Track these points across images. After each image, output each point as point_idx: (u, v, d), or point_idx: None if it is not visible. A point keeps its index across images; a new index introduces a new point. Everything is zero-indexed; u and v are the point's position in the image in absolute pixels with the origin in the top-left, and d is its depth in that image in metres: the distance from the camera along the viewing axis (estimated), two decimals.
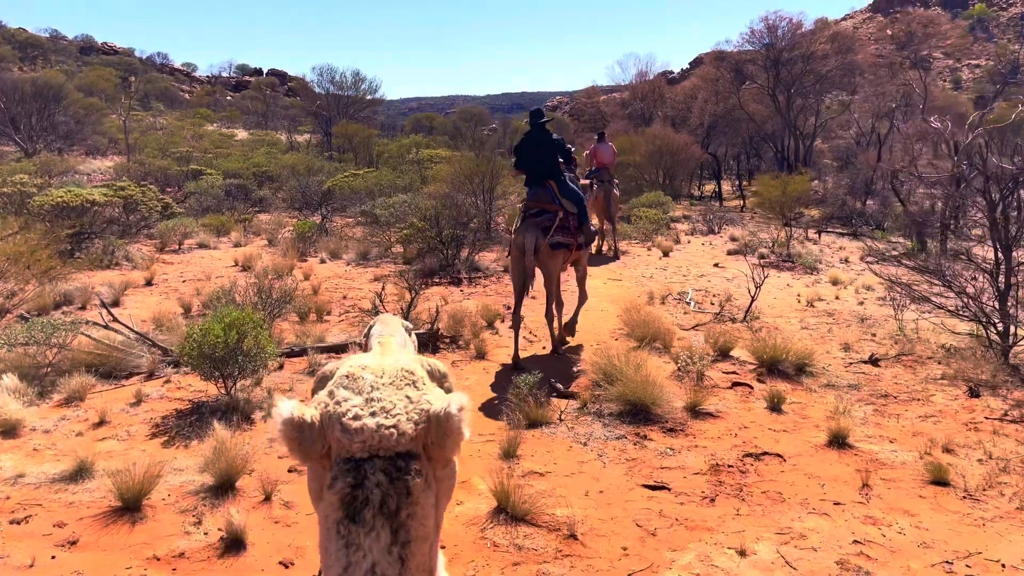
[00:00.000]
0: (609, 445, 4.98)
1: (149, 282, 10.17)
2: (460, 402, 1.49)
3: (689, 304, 9.43)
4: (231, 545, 3.66)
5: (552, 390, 5.98)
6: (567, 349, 7.41)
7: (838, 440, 5.04)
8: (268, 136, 40.00)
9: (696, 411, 5.61)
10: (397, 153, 27.37)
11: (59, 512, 3.95)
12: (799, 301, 9.97)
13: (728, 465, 4.68)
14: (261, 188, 20.61)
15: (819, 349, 7.12)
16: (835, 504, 4.20)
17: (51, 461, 4.52)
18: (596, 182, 12.98)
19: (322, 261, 12.47)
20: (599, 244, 13.27)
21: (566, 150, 7.23)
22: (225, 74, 79.45)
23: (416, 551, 1.38)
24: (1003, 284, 7.27)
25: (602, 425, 5.34)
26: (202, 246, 13.70)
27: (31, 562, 3.48)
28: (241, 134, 42.76)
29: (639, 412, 5.48)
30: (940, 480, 4.50)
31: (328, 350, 6.76)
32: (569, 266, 7.55)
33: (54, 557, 3.55)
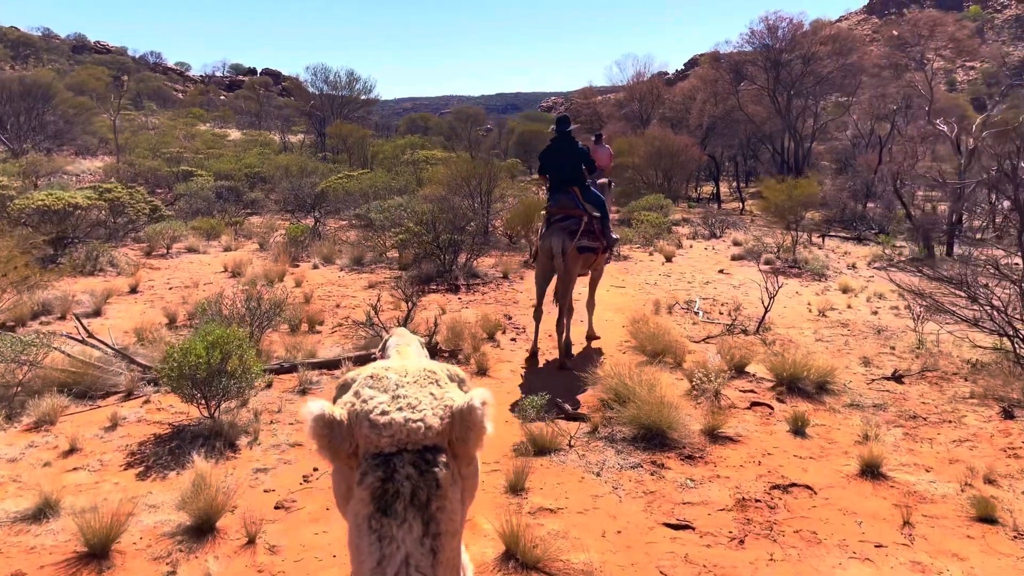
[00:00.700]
0: (624, 475, 4.59)
1: (134, 289, 9.75)
2: (483, 397, 1.44)
3: (697, 314, 9.06)
4: None
5: (560, 411, 5.60)
6: (578, 355, 7.05)
7: (871, 470, 4.66)
8: (261, 136, 39.58)
9: (714, 435, 5.22)
10: (392, 154, 26.97)
11: (17, 559, 3.54)
12: (810, 310, 9.60)
13: (755, 499, 4.30)
14: (253, 190, 20.19)
15: (838, 364, 6.74)
16: (877, 547, 3.82)
17: (13, 497, 4.11)
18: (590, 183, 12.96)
19: (315, 266, 12.07)
20: None
21: (590, 158, 7.27)
22: (219, 74, 78.99)
23: (446, 545, 1.38)
24: None
25: (615, 452, 4.94)
26: (191, 250, 13.28)
27: None
28: (234, 134, 42.31)
29: (654, 437, 5.10)
30: (987, 517, 4.12)
31: (320, 366, 6.36)
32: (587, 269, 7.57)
33: None
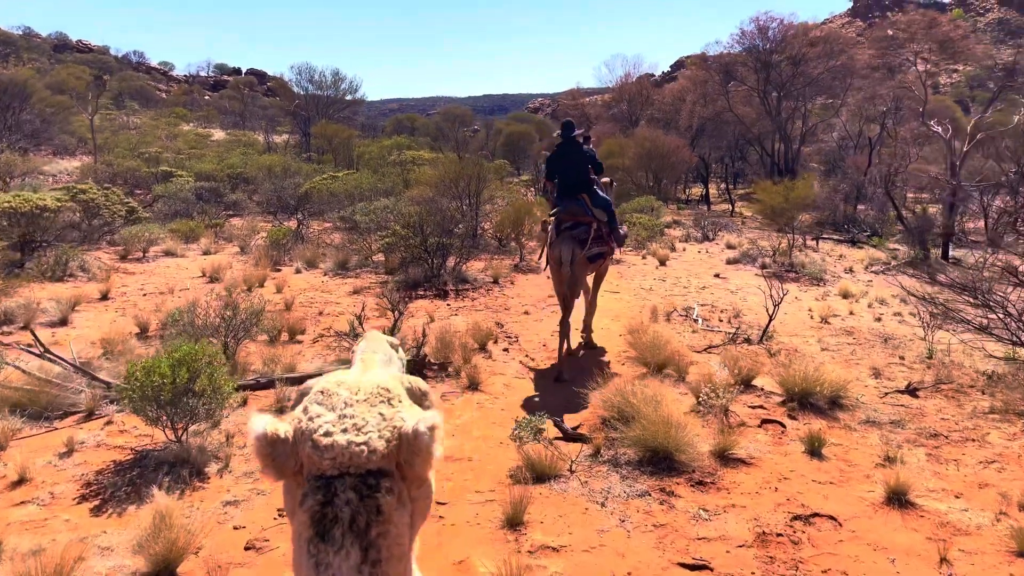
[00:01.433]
0: (631, 506, 4.19)
1: (105, 296, 9.26)
2: (430, 421, 1.39)
3: (697, 321, 8.69)
4: None
5: (559, 431, 5.19)
6: (576, 367, 6.66)
7: (898, 497, 4.29)
8: (245, 136, 38.97)
9: (725, 457, 4.84)
10: (378, 154, 26.49)
11: None
12: (812, 317, 9.26)
13: (777, 534, 3.91)
14: (235, 191, 19.66)
15: (849, 377, 6.37)
16: None
17: None
18: None
19: (297, 271, 11.61)
20: None
21: (597, 162, 7.32)
22: (203, 73, 78.08)
23: (389, 571, 1.35)
24: None
25: (620, 478, 4.55)
26: (168, 254, 12.79)
27: None
28: (218, 134, 41.69)
29: (661, 460, 4.71)
30: None
31: (299, 381, 5.92)
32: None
33: None
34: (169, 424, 4.58)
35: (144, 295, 9.59)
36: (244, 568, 3.47)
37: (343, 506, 1.33)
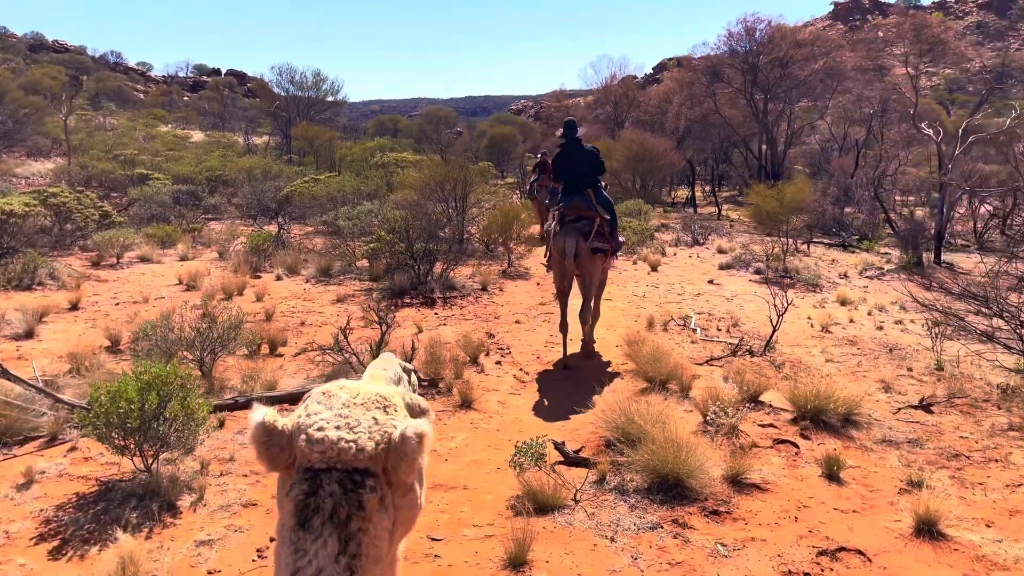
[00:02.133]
0: (643, 540, 3.86)
1: (75, 306, 8.81)
2: (418, 428, 1.41)
3: (695, 331, 8.39)
4: None
5: (560, 454, 4.85)
6: (573, 381, 6.34)
7: (928, 528, 3.99)
8: (225, 138, 38.37)
9: (738, 482, 4.53)
10: (361, 156, 26.03)
11: None
12: (812, 326, 8.99)
13: (804, 572, 3.60)
14: (214, 194, 19.16)
15: (860, 391, 6.08)
16: None
17: None
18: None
19: (278, 278, 11.20)
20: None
21: (599, 160, 7.40)
22: (182, 74, 77.00)
23: (367, 568, 1.36)
24: None
25: (628, 507, 4.22)
26: (144, 260, 12.32)
27: None
28: (197, 136, 41.04)
29: (671, 487, 4.38)
30: None
31: (280, 400, 5.54)
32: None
33: None
34: (137, 452, 4.19)
35: (117, 304, 9.14)
36: None
37: (326, 497, 1.35)
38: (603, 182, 7.73)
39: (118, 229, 13.10)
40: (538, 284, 11.31)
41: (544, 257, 9.06)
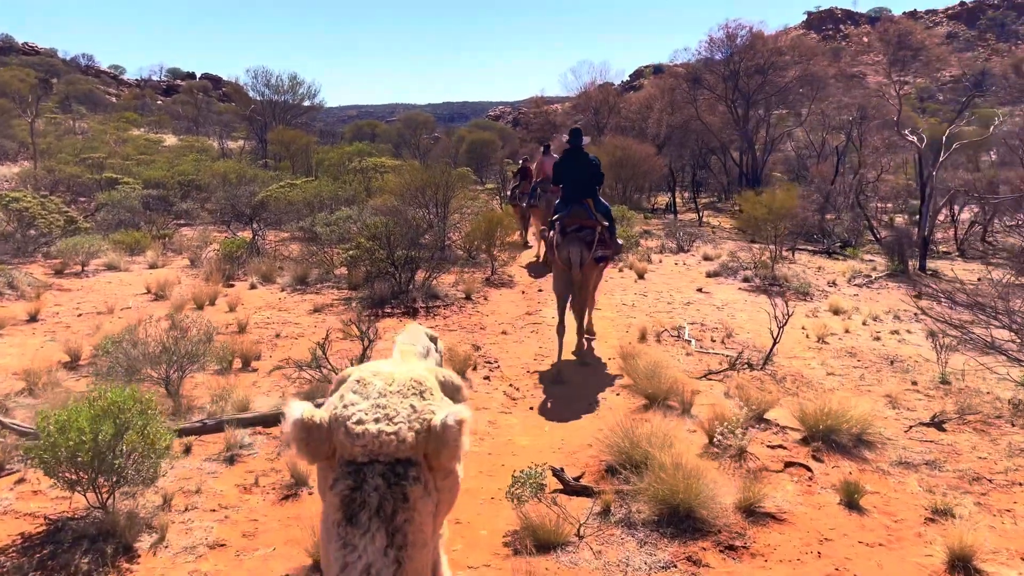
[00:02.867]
0: None
1: (34, 317, 8.31)
2: (458, 415, 1.40)
3: (689, 342, 8.06)
4: None
5: (559, 481, 4.47)
6: (569, 397, 5.96)
7: (962, 563, 3.67)
8: (199, 142, 37.60)
9: (752, 511, 4.18)
10: (338, 161, 25.52)
11: None
12: (807, 336, 8.71)
13: None
14: (186, 199, 18.58)
15: (871, 408, 5.77)
16: None
17: None
18: (541, 192, 13.02)
19: (252, 286, 10.72)
20: (539, 252, 13.35)
21: (600, 171, 7.45)
22: (155, 77, 75.78)
23: (414, 556, 1.37)
24: None
25: (637, 543, 3.85)
26: (111, 268, 11.77)
27: None
28: (170, 140, 40.23)
29: (681, 519, 4.02)
30: None
31: (253, 423, 5.11)
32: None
33: None
34: (91, 487, 3.75)
35: (79, 316, 8.64)
36: None
37: (371, 492, 1.35)
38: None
39: (84, 235, 12.56)
40: (523, 293, 10.94)
41: (530, 263, 9.09)
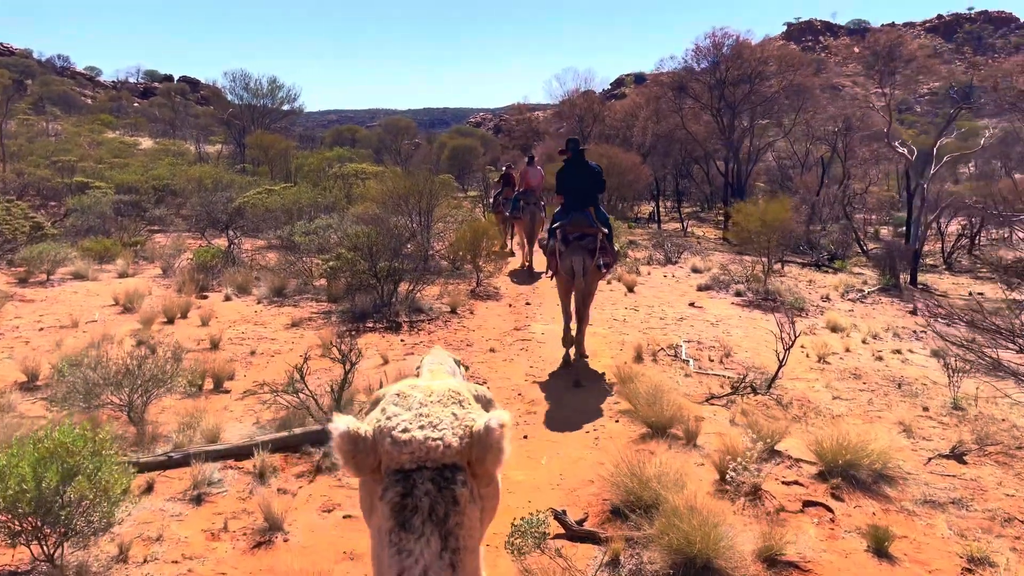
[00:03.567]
0: None
1: None
2: (501, 419, 1.41)
3: (687, 363, 7.70)
4: None
5: (561, 525, 4.07)
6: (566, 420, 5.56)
7: None
8: (175, 146, 36.89)
9: (773, 560, 3.81)
10: (318, 167, 25.01)
11: None
12: (807, 356, 8.38)
13: None
14: (160, 205, 18.00)
15: (889, 440, 5.43)
16: None
17: None
18: (524, 204, 13.30)
19: (227, 298, 10.22)
20: (524, 260, 13.65)
21: (601, 179, 7.58)
22: (132, 80, 74.69)
23: (465, 560, 1.37)
24: None
25: None
26: (78, 277, 11.22)
27: None
28: (146, 143, 39.48)
29: (698, 570, 3.64)
30: None
31: (223, 456, 4.66)
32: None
33: None
34: (35, 538, 3.29)
35: (40, 329, 8.11)
36: None
37: (422, 496, 1.35)
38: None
39: (51, 242, 12.00)
40: (510, 306, 10.54)
41: (512, 271, 8.87)
